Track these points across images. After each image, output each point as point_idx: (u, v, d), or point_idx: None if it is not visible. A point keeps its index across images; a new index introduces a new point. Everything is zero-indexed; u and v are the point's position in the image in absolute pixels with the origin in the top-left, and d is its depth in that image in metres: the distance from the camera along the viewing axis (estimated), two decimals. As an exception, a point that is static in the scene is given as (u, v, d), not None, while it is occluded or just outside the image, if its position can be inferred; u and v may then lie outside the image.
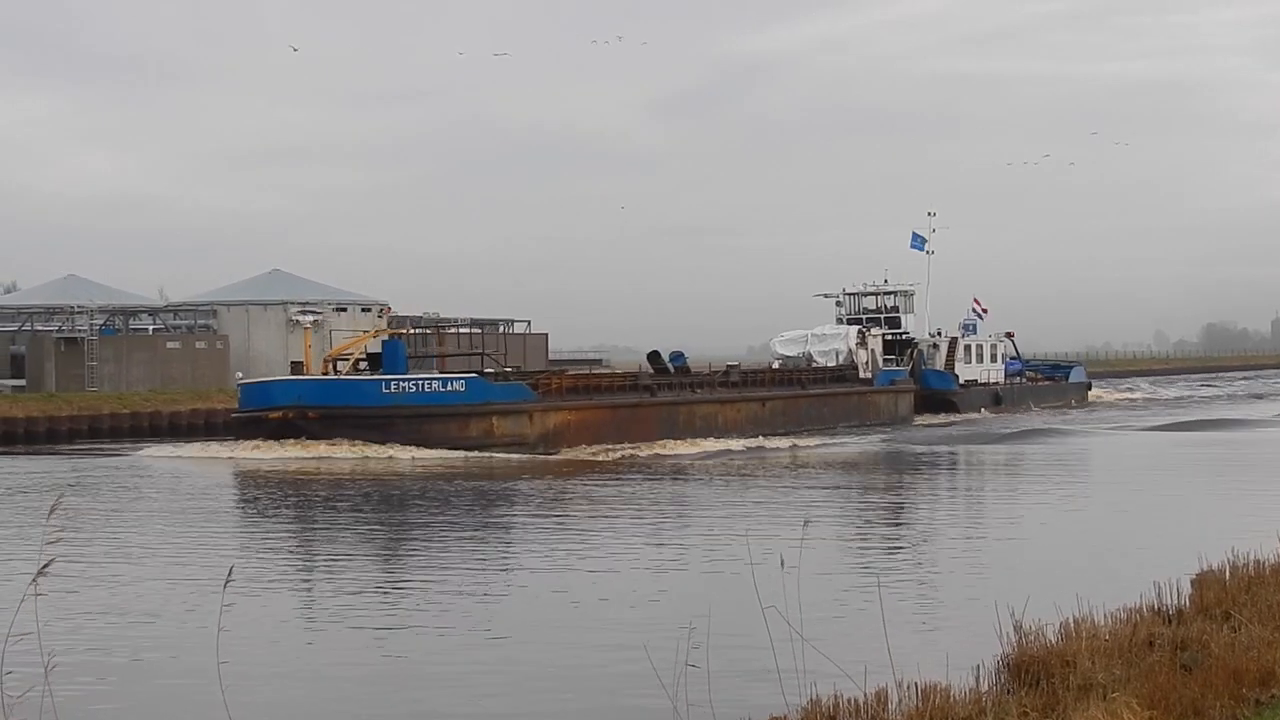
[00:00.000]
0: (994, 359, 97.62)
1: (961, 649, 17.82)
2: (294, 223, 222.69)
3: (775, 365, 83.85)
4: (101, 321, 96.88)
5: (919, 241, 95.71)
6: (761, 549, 24.36)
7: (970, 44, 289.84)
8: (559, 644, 20.81)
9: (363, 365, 61.86)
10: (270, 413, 57.96)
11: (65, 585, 23.84)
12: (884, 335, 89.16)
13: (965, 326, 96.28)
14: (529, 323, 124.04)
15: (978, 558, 29.68)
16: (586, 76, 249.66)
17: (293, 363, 60.88)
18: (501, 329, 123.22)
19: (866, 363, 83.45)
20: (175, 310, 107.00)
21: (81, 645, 20.18)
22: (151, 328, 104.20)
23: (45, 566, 14.02)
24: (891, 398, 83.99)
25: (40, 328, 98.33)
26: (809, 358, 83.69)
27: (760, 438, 67.47)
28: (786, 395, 75.53)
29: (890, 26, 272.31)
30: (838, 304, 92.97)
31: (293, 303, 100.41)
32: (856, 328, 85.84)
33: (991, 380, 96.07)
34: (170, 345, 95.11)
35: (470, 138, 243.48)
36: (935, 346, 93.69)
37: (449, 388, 59.37)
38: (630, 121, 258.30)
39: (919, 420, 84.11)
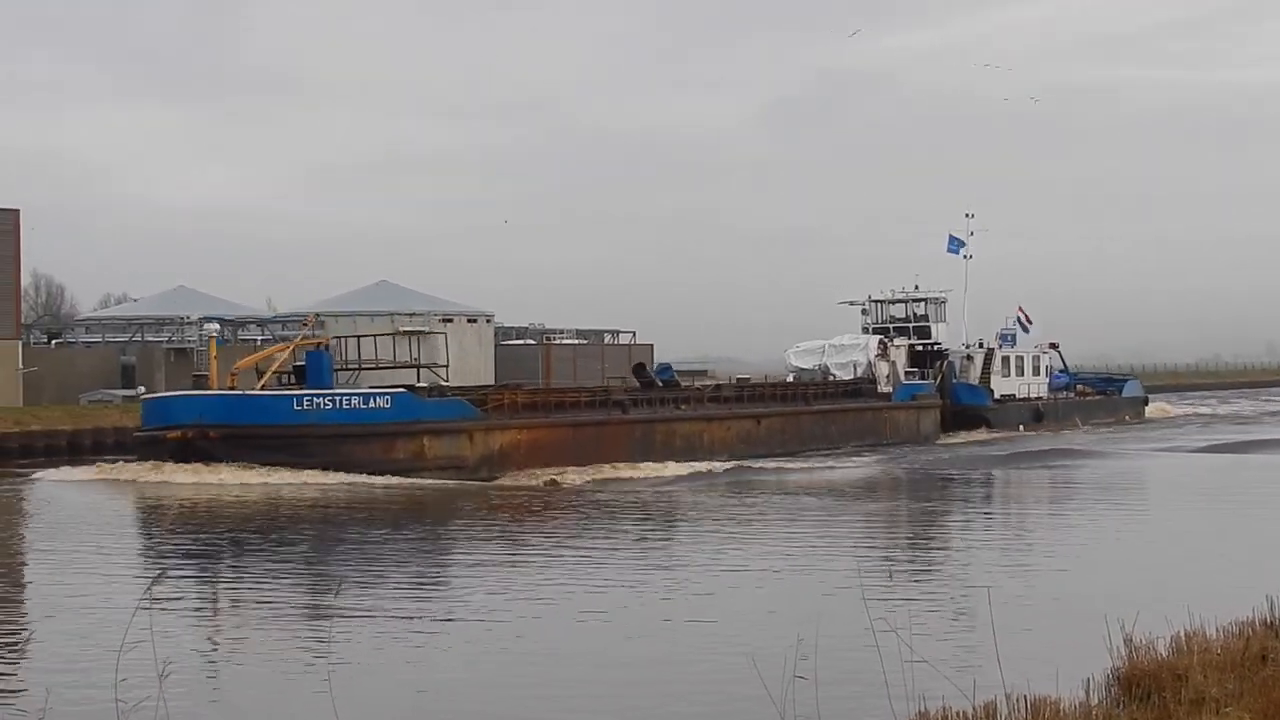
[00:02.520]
0: (1036, 372, 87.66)
1: (1070, 662, 16.85)
2: (402, 234, 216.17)
3: (790, 378, 74.75)
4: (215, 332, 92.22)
5: (956, 245, 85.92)
6: (864, 563, 25.80)
7: (1080, 51, 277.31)
8: (663, 659, 20.22)
9: (289, 379, 53.49)
10: (169, 432, 49.77)
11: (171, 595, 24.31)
12: (910, 346, 79.66)
13: (1004, 337, 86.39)
14: (634, 333, 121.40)
15: (1076, 573, 28.76)
16: (695, 86, 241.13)
17: (194, 376, 52.35)
18: (607, 340, 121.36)
19: (888, 376, 74.02)
20: (283, 321, 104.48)
21: (194, 654, 20.09)
22: (260, 338, 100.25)
23: (158, 578, 19.61)
24: (912, 414, 74.60)
25: (150, 338, 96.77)
26: (825, 370, 74.56)
27: (744, 460, 59.46)
28: (786, 412, 66.55)
29: (999, 34, 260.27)
30: (864, 312, 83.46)
31: (400, 313, 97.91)
32: (878, 338, 76.60)
33: (1033, 395, 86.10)
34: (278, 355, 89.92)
35: (578, 149, 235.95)
36: (969, 358, 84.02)
37: (372, 404, 51.27)
38: (739, 131, 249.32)
39: (944, 439, 74.71)
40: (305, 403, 50.40)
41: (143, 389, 53.09)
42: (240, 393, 50.93)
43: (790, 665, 14.54)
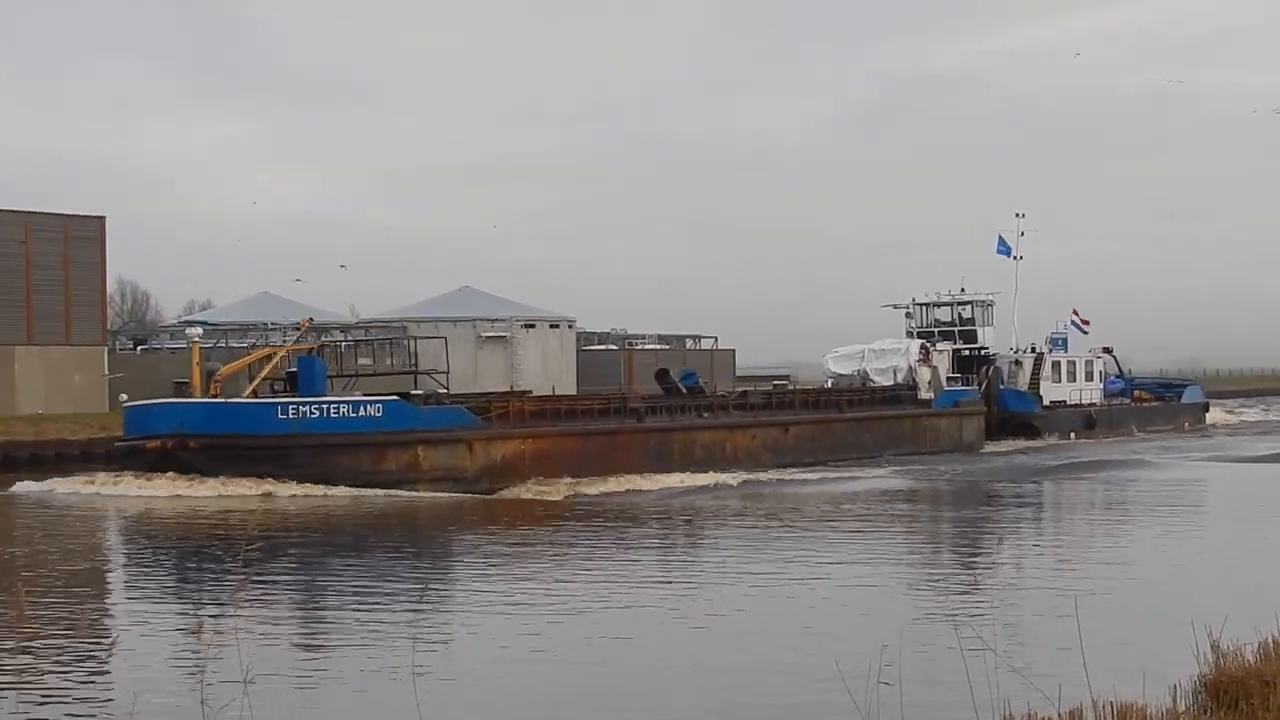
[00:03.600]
0: (1089, 377, 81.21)
1: (1156, 669, 16.37)
2: (485, 240, 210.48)
3: (828, 384, 69.02)
4: (294, 338, 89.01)
5: (1005, 246, 79.49)
6: (938, 571, 26.04)
7: (1165, 56, 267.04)
8: (747, 665, 19.32)
9: (283, 387, 48.85)
10: (148, 442, 45.29)
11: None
12: (954, 351, 73.60)
13: (1054, 341, 79.98)
14: (715, 339, 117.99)
15: (1155, 581, 27.52)
16: (770, 91, 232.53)
17: (175, 383, 47.77)
18: (689, 345, 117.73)
19: (929, 381, 68.05)
20: (366, 327, 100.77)
21: (279, 659, 19.45)
22: (343, 344, 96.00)
23: (242, 584, 21.53)
24: (954, 421, 68.67)
25: (235, 344, 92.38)
26: (864, 376, 68.79)
27: (770, 470, 54.60)
28: (816, 419, 60.97)
29: (1078, 39, 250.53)
30: (907, 315, 77.39)
31: (482, 319, 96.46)
32: (919, 342, 70.76)
33: (1085, 401, 79.56)
34: (362, 361, 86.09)
35: (656, 153, 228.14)
36: (1018, 363, 77.76)
37: (361, 413, 46.61)
38: (816, 134, 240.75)
39: (989, 447, 68.75)
40: (290, 411, 45.96)
41: (124, 397, 48.14)
42: (222, 400, 46.09)
43: (875, 671, 14.18)
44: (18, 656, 19.97)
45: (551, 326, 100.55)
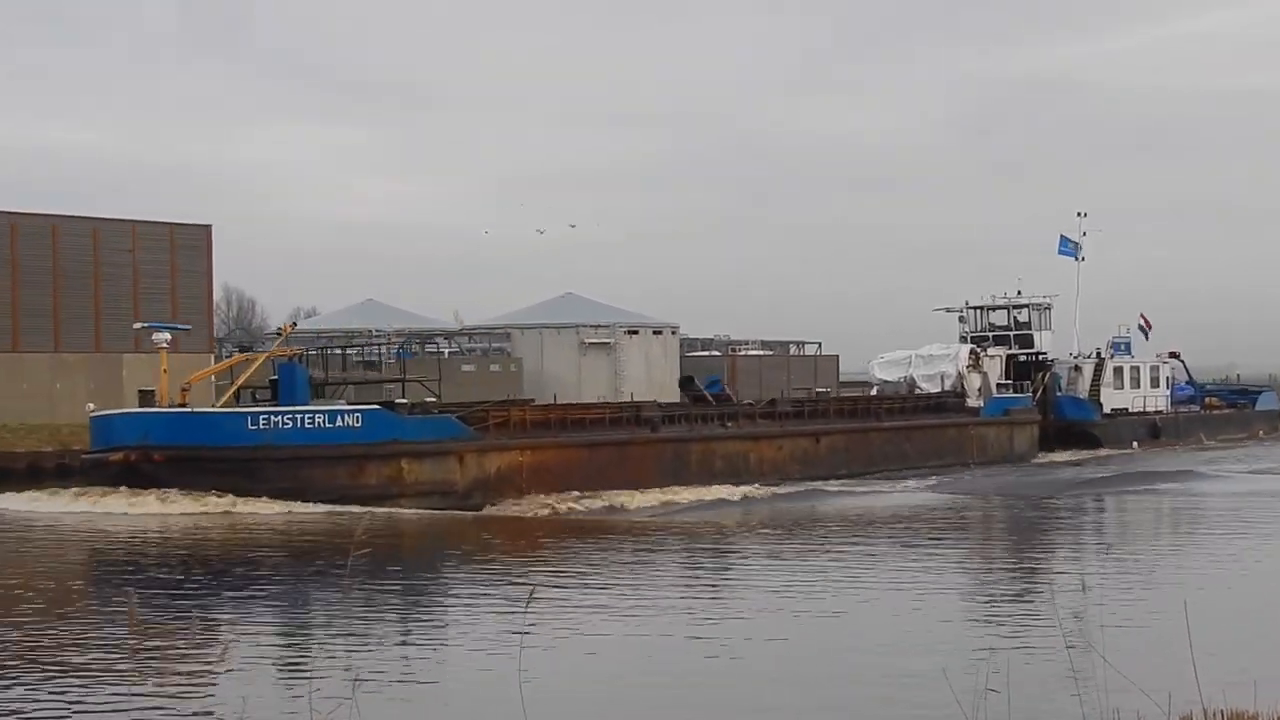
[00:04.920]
0: (1155, 383, 73.07)
1: (1268, 676, 15.26)
2: (587, 245, 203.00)
3: (874, 391, 62.04)
4: (398, 345, 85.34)
5: (1068, 247, 71.50)
6: (1039, 579, 25.40)
7: (1262, 57, 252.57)
8: (850, 674, 18.10)
9: (266, 396, 43.37)
10: (111, 454, 40.11)
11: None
12: (1009, 356, 66.03)
13: (1116, 345, 71.85)
14: (819, 344, 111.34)
15: (1255, 592, 25.31)
16: (866, 96, 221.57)
17: (141, 391, 42.25)
18: (792, 351, 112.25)
19: (979, 388, 60.69)
20: (470, 333, 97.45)
21: (386, 663, 18.51)
22: (447, 351, 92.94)
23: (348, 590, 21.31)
24: (1004, 430, 61.31)
25: (339, 351, 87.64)
26: (912, 382, 61.70)
27: (801, 483, 49.11)
28: (851, 429, 54.10)
29: (1177, 42, 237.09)
30: (960, 319, 69.80)
31: (585, 325, 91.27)
32: (968, 347, 63.53)
33: (1150, 408, 71.35)
34: (465, 368, 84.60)
35: (754, 158, 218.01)
36: (1077, 369, 70.03)
37: (339, 423, 40.88)
38: (911, 140, 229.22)
39: (1042, 458, 61.32)
40: (261, 421, 40.42)
41: (91, 406, 42.69)
42: (189, 410, 40.51)
43: (982, 678, 13.62)
44: (127, 663, 18.84)
45: (655, 333, 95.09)
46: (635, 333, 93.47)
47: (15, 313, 69.63)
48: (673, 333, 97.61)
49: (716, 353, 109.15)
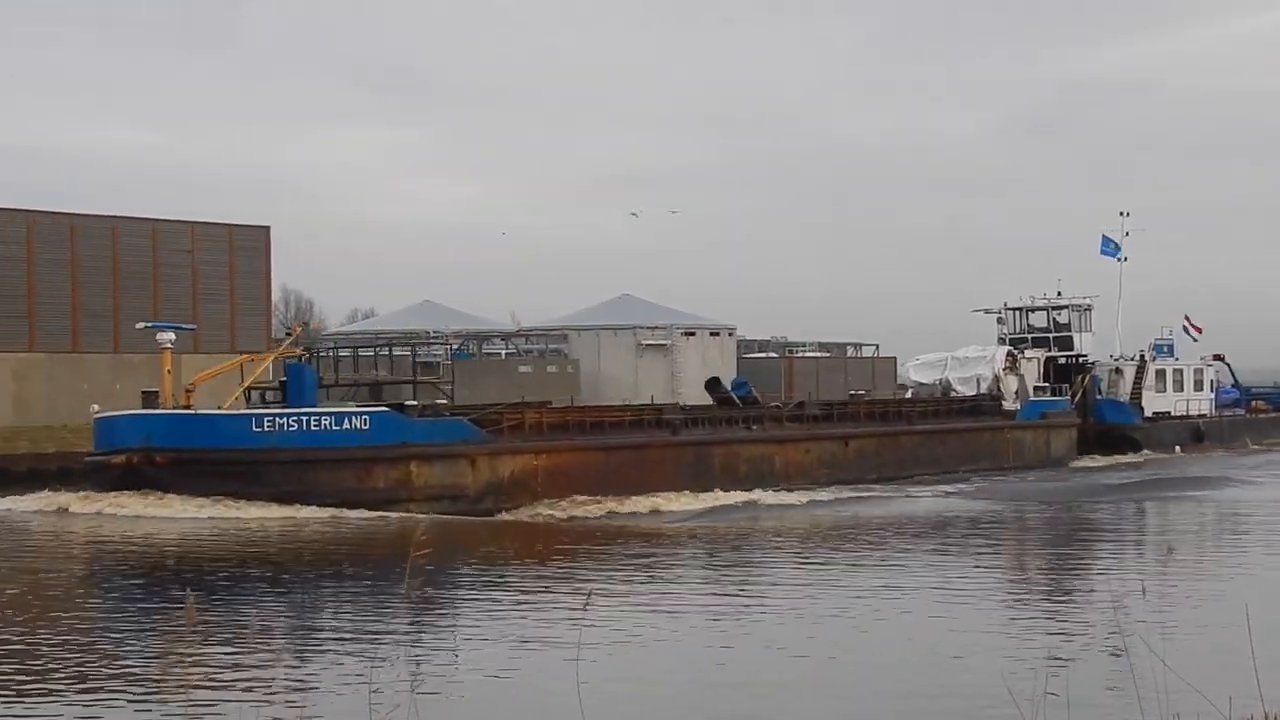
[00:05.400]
0: (1198, 387, 69.61)
1: None
2: (643, 248, 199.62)
3: (909, 394, 59.37)
4: (456, 346, 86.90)
5: (1110, 246, 68.27)
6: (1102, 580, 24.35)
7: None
8: (909, 676, 17.54)
9: (276, 396, 41.50)
10: (113, 457, 38.47)
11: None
12: (1046, 358, 63.06)
13: (1158, 347, 68.52)
14: (877, 346, 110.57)
15: None
16: (931, 99, 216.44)
17: (144, 392, 40.38)
18: (850, 352, 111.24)
19: (1016, 391, 57.84)
20: (527, 335, 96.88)
21: (447, 665, 18.35)
22: (504, 352, 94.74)
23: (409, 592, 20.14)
24: (1041, 434, 58.45)
25: (397, 352, 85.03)
26: (946, 385, 58.98)
27: (827, 487, 46.61)
28: (881, 432, 51.50)
29: (1242, 41, 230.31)
30: (999, 320, 66.67)
31: (642, 327, 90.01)
32: (1005, 349, 60.65)
33: (1193, 412, 67.98)
34: (522, 369, 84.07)
35: (814, 160, 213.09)
36: (1118, 372, 66.71)
37: (346, 425, 38.91)
38: (972, 141, 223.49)
39: (1081, 462, 58.43)
40: (266, 423, 38.61)
41: (95, 407, 40.90)
42: (192, 412, 38.63)
43: (1041, 682, 13.46)
44: (185, 665, 18.50)
45: (712, 334, 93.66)
46: (692, 334, 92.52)
47: (75, 313, 68.67)
48: (729, 334, 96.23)
49: (773, 354, 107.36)
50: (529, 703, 16.45)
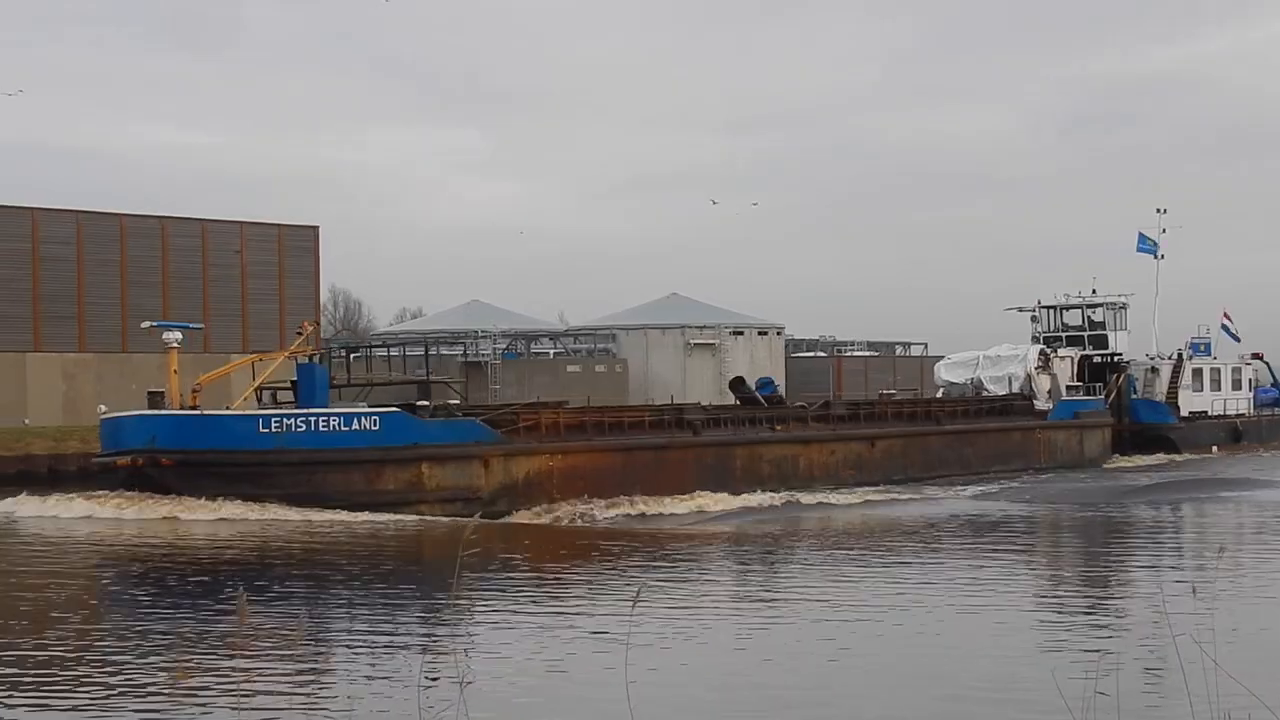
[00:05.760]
0: (1236, 386, 67.10)
1: None
2: (691, 248, 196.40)
3: (939, 394, 57.33)
4: (504, 345, 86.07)
5: (1147, 244, 65.81)
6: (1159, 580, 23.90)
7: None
8: (958, 673, 17.00)
9: (284, 396, 40.18)
10: (119, 458, 37.23)
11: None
12: (1083, 357, 60.81)
13: (1195, 346, 66.02)
14: (925, 345, 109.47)
15: None
16: (970, 99, 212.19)
17: (150, 393, 39.07)
18: (898, 352, 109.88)
19: (1048, 390, 55.69)
20: (575, 334, 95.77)
21: (497, 665, 17.37)
22: (552, 351, 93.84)
23: (457, 589, 20.24)
24: (1073, 434, 56.33)
25: (445, 352, 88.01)
26: (978, 384, 56.90)
27: (845, 489, 44.98)
28: (909, 433, 49.59)
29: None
30: (1033, 319, 64.28)
31: (690, 326, 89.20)
32: (1037, 348, 58.45)
33: (1231, 412, 65.47)
34: (570, 369, 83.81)
35: (859, 159, 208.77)
36: (1154, 371, 64.30)
37: (355, 426, 37.43)
38: (1016, 141, 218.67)
39: (1115, 462, 56.19)
40: (274, 424, 37.14)
41: (103, 407, 39.63)
42: (199, 412, 37.31)
43: (1091, 681, 12.79)
44: (233, 662, 17.96)
45: (760, 334, 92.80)
46: (740, 334, 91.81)
47: (125, 313, 67.83)
48: (778, 334, 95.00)
49: (822, 354, 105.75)
50: (578, 700, 16.04)
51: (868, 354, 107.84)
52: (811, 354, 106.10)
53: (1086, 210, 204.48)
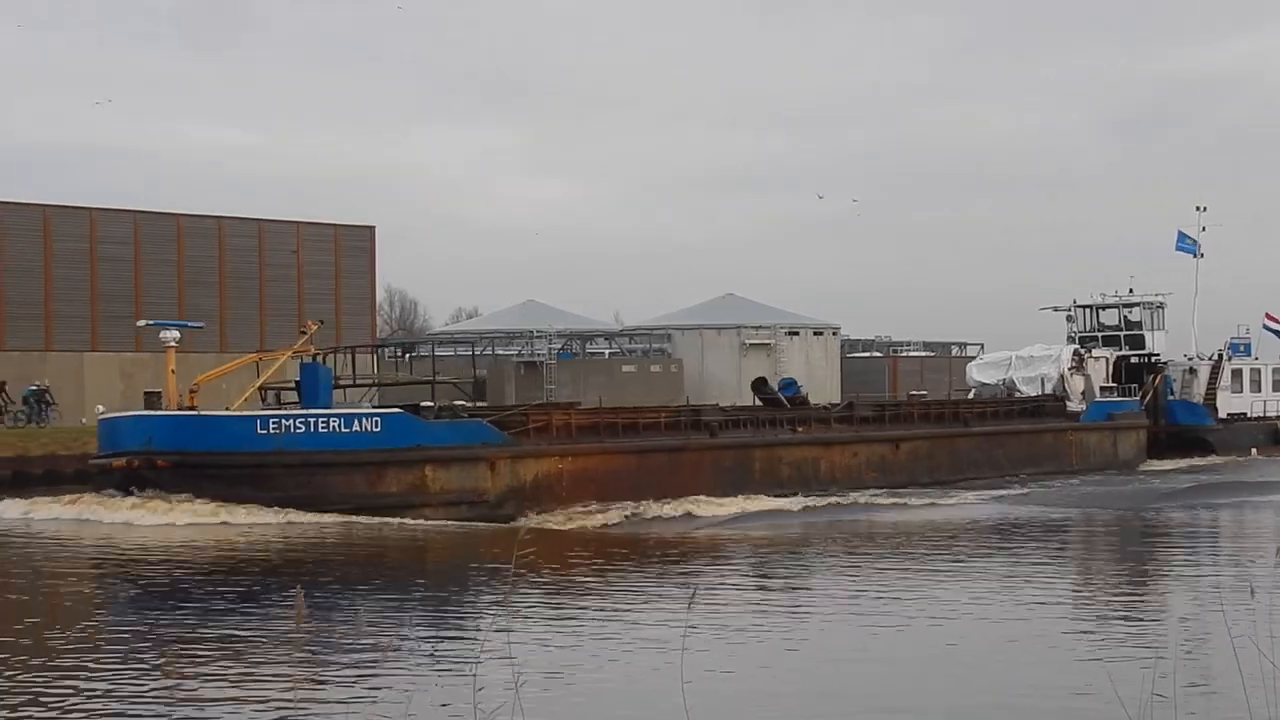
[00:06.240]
0: (1277, 387, 63.65)
1: None
2: (746, 247, 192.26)
3: (971, 395, 54.74)
4: (559, 346, 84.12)
5: (1187, 242, 62.65)
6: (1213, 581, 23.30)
7: None
8: (1015, 675, 16.51)
9: (289, 396, 38.46)
10: (115, 460, 35.60)
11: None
12: (1119, 357, 57.89)
13: (1234, 346, 62.84)
14: (982, 345, 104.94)
15: None
16: (1029, 97, 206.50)
17: (147, 393, 37.40)
18: (954, 352, 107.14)
19: (1082, 391, 52.93)
20: (630, 334, 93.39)
21: (551, 663, 17.06)
22: (608, 351, 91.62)
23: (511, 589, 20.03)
24: (1106, 436, 53.57)
25: (501, 352, 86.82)
26: (1010, 385, 54.20)
27: (866, 491, 42.56)
28: (935, 434, 47.09)
29: None
30: (1069, 319, 61.30)
31: (746, 326, 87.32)
32: (1072, 348, 55.69)
33: (1272, 413, 62.34)
34: (626, 369, 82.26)
35: (914, 160, 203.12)
36: (1192, 372, 61.21)
37: (357, 427, 35.63)
38: (1078, 142, 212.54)
39: (1150, 464, 53.36)
40: (272, 425, 35.31)
41: (101, 408, 37.93)
42: (196, 413, 35.59)
43: (1148, 684, 12.42)
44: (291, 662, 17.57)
45: (815, 334, 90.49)
46: (796, 334, 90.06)
47: (182, 313, 66.59)
48: (833, 334, 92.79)
49: (878, 354, 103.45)
50: (633, 700, 15.55)
51: (923, 354, 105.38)
52: (867, 354, 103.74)
53: (1142, 208, 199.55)
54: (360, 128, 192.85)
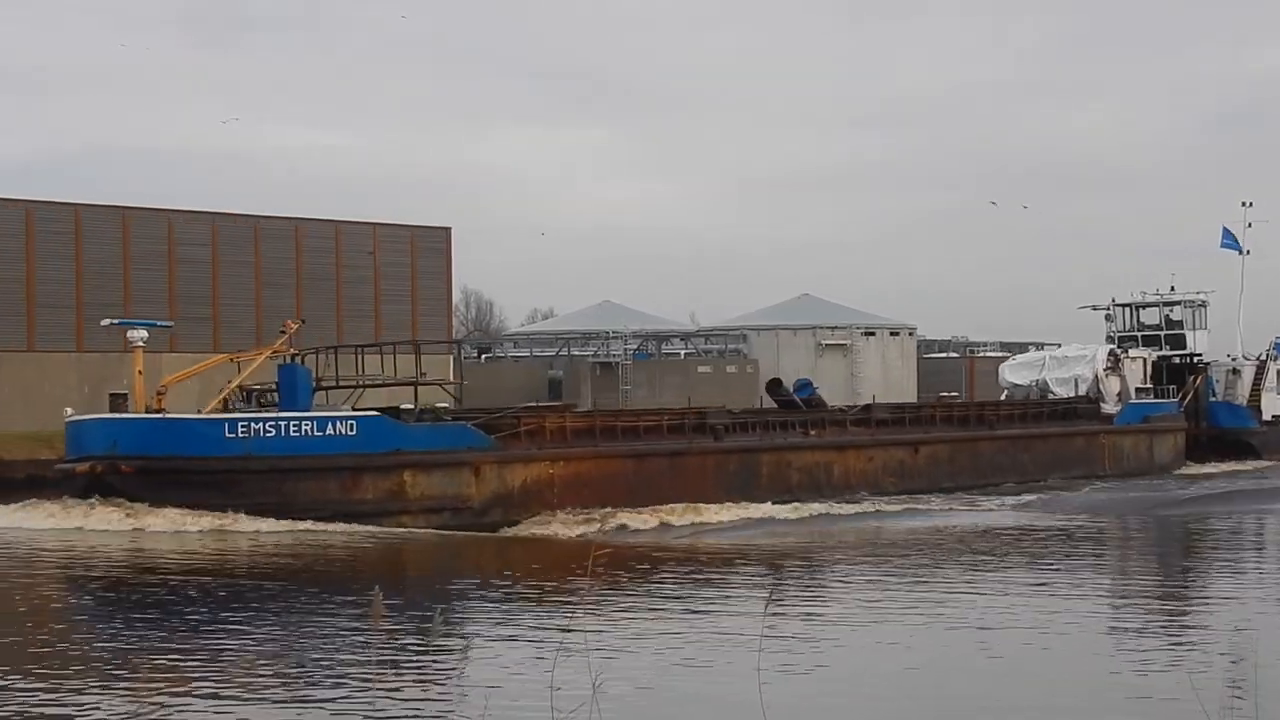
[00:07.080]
0: None
1: None
2: (822, 248, 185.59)
3: (1004, 397, 50.27)
4: (635, 346, 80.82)
5: (1231, 239, 57.36)
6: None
7: None
8: (1094, 681, 15.52)
9: (270, 399, 35.32)
10: (78, 465, 32.97)
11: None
12: (1159, 358, 52.91)
13: (1278, 346, 57.19)
14: (1059, 345, 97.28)
15: None
16: (1118, 97, 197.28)
17: (112, 395, 34.58)
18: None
19: (1117, 393, 48.22)
20: (706, 335, 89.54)
21: (627, 666, 16.39)
22: (683, 352, 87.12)
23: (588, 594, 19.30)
24: (1142, 439, 48.91)
25: (576, 352, 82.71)
26: (1044, 386, 49.63)
27: (892, 497, 39.13)
28: (956, 438, 42.82)
29: None
30: (1107, 318, 56.31)
31: (822, 327, 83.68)
32: (1107, 348, 50.96)
33: None
34: (701, 369, 78.89)
35: (989, 157, 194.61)
36: (1235, 372, 56.02)
37: (331, 431, 32.41)
38: (1147, 140, 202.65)
39: (1189, 468, 48.46)
40: (240, 429, 32.18)
41: (69, 410, 34.92)
42: (162, 416, 32.67)
43: (1226, 688, 12.77)
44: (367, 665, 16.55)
45: (891, 334, 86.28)
46: (872, 334, 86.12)
47: (259, 313, 64.42)
48: (910, 334, 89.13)
49: (954, 354, 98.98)
50: (710, 700, 14.93)
51: (1000, 355, 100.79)
52: (944, 354, 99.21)
53: (1228, 206, 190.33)
54: (437, 128, 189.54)
